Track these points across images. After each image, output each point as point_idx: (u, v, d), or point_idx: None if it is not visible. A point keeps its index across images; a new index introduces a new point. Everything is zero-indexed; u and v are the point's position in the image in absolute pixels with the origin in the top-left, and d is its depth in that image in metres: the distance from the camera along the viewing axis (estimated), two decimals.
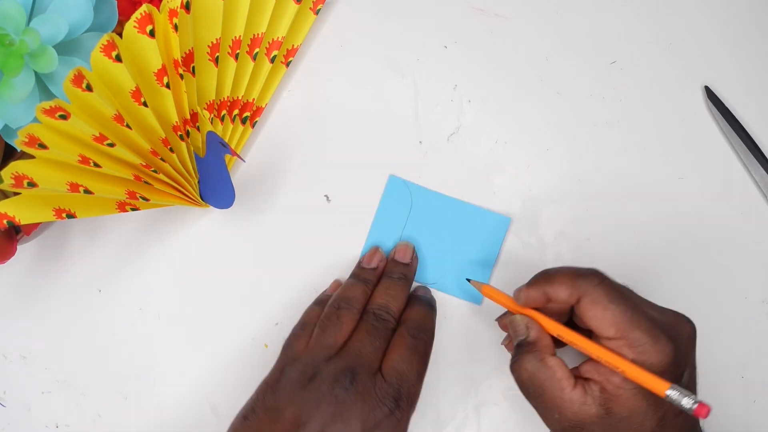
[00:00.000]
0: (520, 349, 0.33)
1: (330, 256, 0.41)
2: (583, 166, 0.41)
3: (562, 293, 0.33)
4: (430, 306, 0.39)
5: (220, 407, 0.41)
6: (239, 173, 0.42)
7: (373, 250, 0.40)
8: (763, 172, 0.41)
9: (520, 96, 0.42)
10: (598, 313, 0.31)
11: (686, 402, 0.28)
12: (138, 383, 0.41)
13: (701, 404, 0.28)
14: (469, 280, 0.39)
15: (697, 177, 0.41)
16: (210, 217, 0.42)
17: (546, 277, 0.34)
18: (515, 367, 0.33)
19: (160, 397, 0.41)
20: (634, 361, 0.30)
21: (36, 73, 0.33)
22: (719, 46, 0.42)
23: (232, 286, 0.41)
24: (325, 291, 0.41)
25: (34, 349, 0.41)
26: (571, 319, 0.35)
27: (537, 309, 0.34)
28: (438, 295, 0.41)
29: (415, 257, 0.40)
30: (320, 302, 0.39)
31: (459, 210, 0.41)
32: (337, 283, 0.41)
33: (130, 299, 0.41)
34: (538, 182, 0.41)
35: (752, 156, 0.41)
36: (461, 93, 0.42)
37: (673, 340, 0.31)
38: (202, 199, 0.39)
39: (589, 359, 0.32)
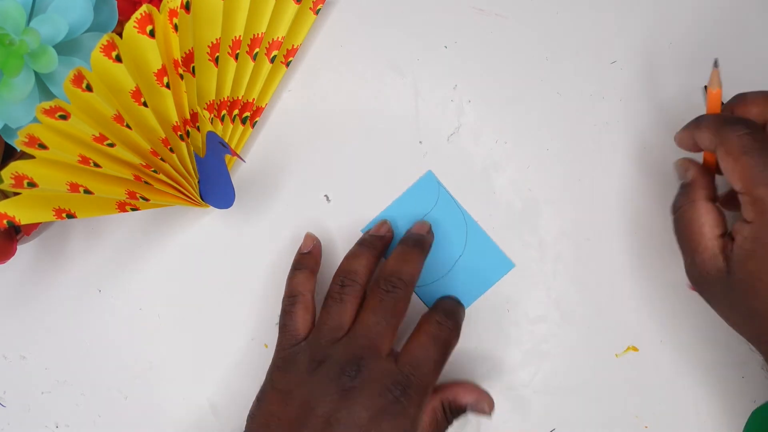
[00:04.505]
0: (679, 190, 0.34)
1: (330, 256, 0.41)
2: (583, 166, 0.41)
3: (705, 139, 0.31)
4: (459, 303, 0.38)
5: (220, 407, 0.41)
6: (239, 173, 0.42)
7: (381, 222, 0.40)
8: None
9: (520, 96, 0.42)
10: (729, 165, 0.30)
11: None
12: (138, 383, 0.41)
13: None
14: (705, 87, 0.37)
15: None
16: (210, 217, 0.42)
17: (696, 121, 0.33)
18: (673, 207, 0.34)
19: (160, 397, 0.41)
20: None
21: (36, 73, 0.33)
22: (719, 46, 0.42)
23: (232, 286, 0.41)
24: (300, 250, 0.40)
25: (34, 349, 0.41)
26: None
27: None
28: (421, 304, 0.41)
29: (431, 234, 0.39)
30: (298, 266, 0.39)
31: (472, 233, 0.41)
32: (311, 239, 0.40)
33: (130, 299, 0.41)
34: (538, 182, 0.41)
35: None
36: (461, 93, 0.42)
37: None
38: (202, 199, 0.39)
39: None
